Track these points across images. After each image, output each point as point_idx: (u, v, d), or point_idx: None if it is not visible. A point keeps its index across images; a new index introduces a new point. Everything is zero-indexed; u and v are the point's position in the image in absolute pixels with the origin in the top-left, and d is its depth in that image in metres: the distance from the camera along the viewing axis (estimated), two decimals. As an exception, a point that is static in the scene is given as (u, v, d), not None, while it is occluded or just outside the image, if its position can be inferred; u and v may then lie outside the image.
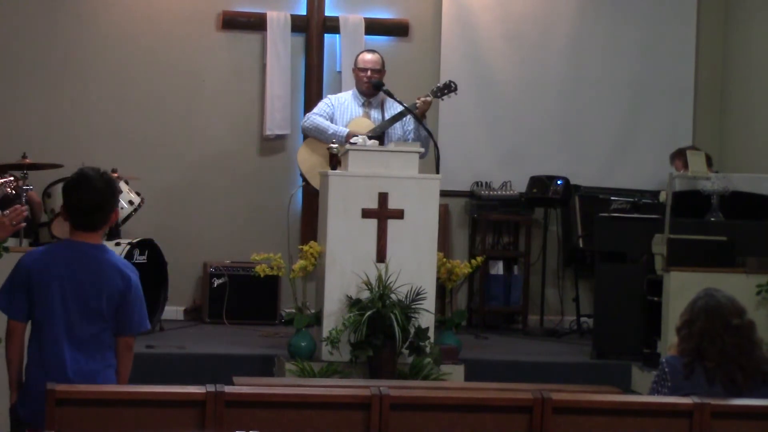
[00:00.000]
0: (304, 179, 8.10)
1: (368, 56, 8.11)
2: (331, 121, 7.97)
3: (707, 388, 4.48)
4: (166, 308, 8.47)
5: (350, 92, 8.16)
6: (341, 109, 8.02)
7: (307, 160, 8.00)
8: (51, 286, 4.47)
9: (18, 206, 5.07)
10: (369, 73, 8.00)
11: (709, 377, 4.54)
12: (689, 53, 9.93)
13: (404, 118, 7.89)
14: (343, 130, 7.84)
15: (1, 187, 7.70)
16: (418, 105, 7.85)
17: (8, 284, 4.54)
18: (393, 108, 7.91)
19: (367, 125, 7.92)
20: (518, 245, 9.56)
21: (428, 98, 7.91)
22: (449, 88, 8.04)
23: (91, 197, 4.51)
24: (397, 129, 7.93)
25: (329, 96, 8.26)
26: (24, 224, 6.01)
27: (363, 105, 8.05)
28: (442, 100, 8.15)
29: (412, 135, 7.90)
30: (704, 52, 9.97)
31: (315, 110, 8.10)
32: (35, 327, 4.52)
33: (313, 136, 7.99)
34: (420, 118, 7.84)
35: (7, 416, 4.57)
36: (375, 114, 8.01)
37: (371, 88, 8.01)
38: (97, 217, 4.54)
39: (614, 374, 7.69)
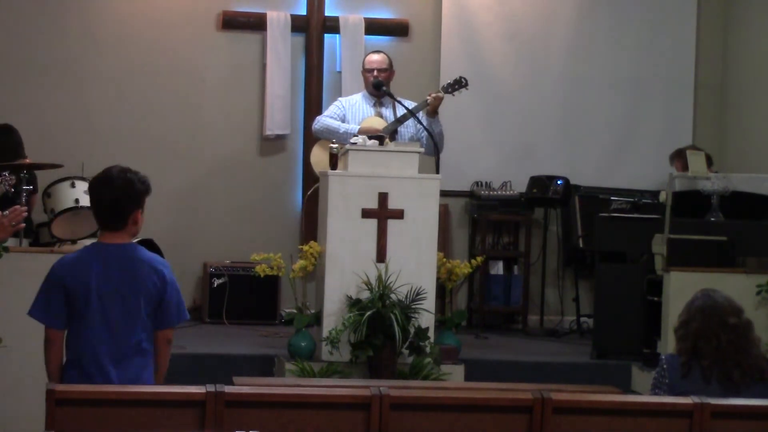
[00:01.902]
0: (318, 180, 8.06)
1: (374, 56, 8.11)
2: (343, 122, 7.97)
3: (704, 387, 4.50)
4: (166, 308, 8.46)
5: (360, 94, 8.16)
6: (352, 111, 8.02)
7: (322, 160, 7.98)
8: (89, 291, 4.45)
9: (17, 207, 5.07)
10: (375, 73, 7.99)
11: (705, 376, 4.56)
12: (689, 52, 9.93)
13: (419, 114, 7.87)
14: (355, 128, 7.84)
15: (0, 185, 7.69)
16: (429, 101, 7.85)
17: (43, 294, 4.52)
18: (402, 106, 7.89)
19: (380, 124, 7.92)
20: (518, 245, 9.56)
21: (439, 94, 7.91)
22: (460, 83, 8.03)
23: (111, 198, 4.50)
24: (409, 127, 7.93)
25: (340, 98, 8.27)
26: (23, 225, 6.01)
27: (374, 105, 8.04)
28: (453, 95, 8.12)
29: (425, 132, 7.88)
30: (704, 52, 9.97)
31: (326, 113, 8.11)
32: (73, 333, 4.50)
33: (324, 137, 7.98)
34: (426, 117, 7.83)
35: (10, 416, 4.57)
36: (387, 113, 8.00)
37: (373, 89, 8.00)
38: (117, 217, 4.52)
39: (614, 374, 7.69)
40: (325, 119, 8.01)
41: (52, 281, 4.51)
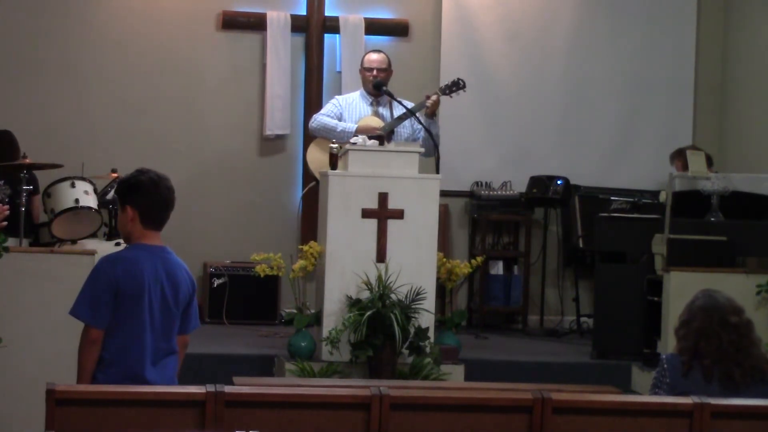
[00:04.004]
0: (314, 178, 8.07)
1: (374, 56, 8.10)
2: (340, 121, 7.97)
3: (704, 386, 4.50)
4: (166, 308, 8.47)
5: (358, 92, 8.15)
6: (349, 109, 8.01)
7: (318, 159, 7.99)
8: (142, 292, 4.47)
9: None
10: (375, 72, 7.98)
11: (706, 375, 4.56)
12: (689, 53, 9.93)
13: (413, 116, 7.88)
14: (352, 126, 7.83)
15: None
16: (428, 104, 7.84)
17: (91, 293, 4.49)
18: (401, 106, 7.89)
19: (377, 123, 7.91)
20: (518, 245, 9.56)
21: (436, 96, 7.90)
22: (457, 85, 8.03)
23: (167, 195, 4.62)
24: (406, 127, 7.93)
25: (337, 97, 8.24)
26: (5, 223, 6.03)
27: (371, 104, 8.03)
28: (451, 97, 8.13)
29: (422, 133, 7.88)
30: (704, 52, 9.97)
31: (322, 111, 8.10)
32: (116, 333, 4.49)
33: (321, 136, 7.98)
34: (425, 118, 7.82)
35: (10, 416, 4.55)
36: (384, 112, 8.00)
37: (373, 88, 8.00)
38: (167, 217, 4.64)
39: (614, 374, 7.69)
40: (322, 117, 8.00)
41: (103, 280, 4.48)
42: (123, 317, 4.47)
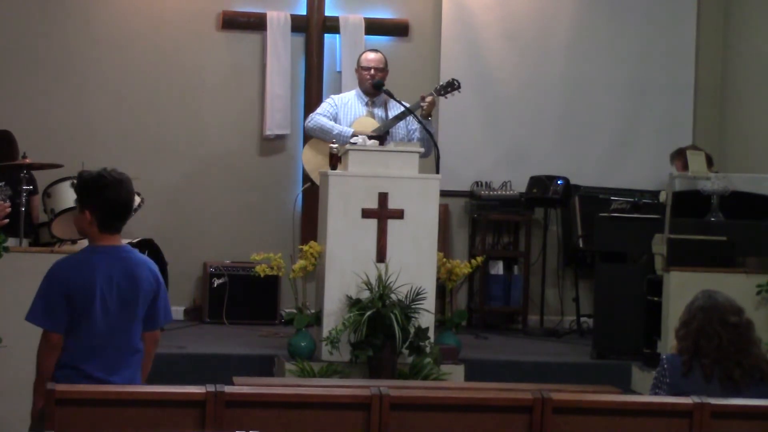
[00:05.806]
0: (310, 179, 8.10)
1: (371, 55, 8.11)
2: (335, 121, 7.96)
3: (704, 386, 4.50)
4: (166, 308, 8.47)
5: (353, 92, 8.15)
6: (345, 109, 8.01)
7: (312, 160, 8.00)
8: (94, 296, 4.43)
9: (0, 203, 5.08)
10: (372, 71, 7.99)
11: (706, 375, 4.56)
12: (689, 53, 9.93)
13: (408, 117, 7.89)
14: (348, 130, 7.83)
15: None
16: (424, 106, 7.84)
17: (44, 297, 4.46)
18: (397, 107, 7.89)
19: (372, 124, 7.91)
20: (518, 245, 9.56)
21: (431, 97, 7.90)
22: (452, 86, 8.04)
23: (127, 198, 4.54)
24: (401, 128, 7.93)
25: (332, 96, 8.24)
26: (6, 221, 6.02)
27: (367, 104, 8.04)
28: (446, 98, 8.15)
29: (416, 134, 7.89)
30: (704, 52, 9.97)
31: (318, 111, 8.09)
32: (73, 336, 4.46)
33: (317, 136, 7.98)
34: (421, 119, 7.83)
35: (10, 416, 4.55)
36: (379, 113, 8.00)
37: (372, 88, 8.00)
38: (126, 218, 4.56)
39: (614, 374, 7.69)
40: (319, 118, 7.99)
41: (54, 284, 4.45)
42: (77, 320, 4.44)
